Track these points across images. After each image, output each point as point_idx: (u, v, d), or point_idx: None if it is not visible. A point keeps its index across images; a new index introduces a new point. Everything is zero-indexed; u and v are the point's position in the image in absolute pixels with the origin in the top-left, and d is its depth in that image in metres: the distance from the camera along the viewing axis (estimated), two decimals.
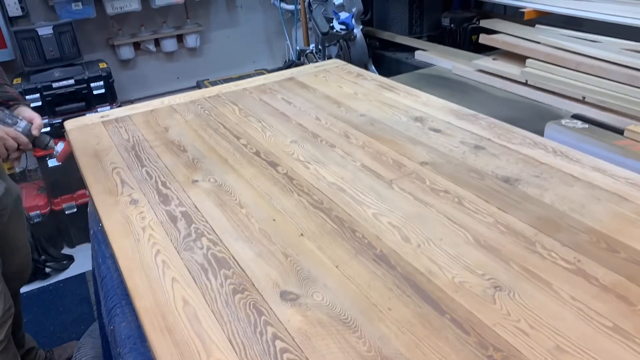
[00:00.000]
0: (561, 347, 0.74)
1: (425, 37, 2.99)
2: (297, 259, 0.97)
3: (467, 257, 0.93)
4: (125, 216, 1.15)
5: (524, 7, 2.30)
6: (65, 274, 2.83)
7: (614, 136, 1.55)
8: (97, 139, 1.56)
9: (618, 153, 1.45)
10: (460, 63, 2.41)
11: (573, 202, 1.07)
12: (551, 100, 1.95)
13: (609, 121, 1.68)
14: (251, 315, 0.84)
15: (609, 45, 1.97)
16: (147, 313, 0.87)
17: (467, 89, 2.21)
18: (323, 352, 0.76)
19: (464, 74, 2.34)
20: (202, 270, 0.95)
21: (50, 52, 2.95)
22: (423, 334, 0.78)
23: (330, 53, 2.95)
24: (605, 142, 1.51)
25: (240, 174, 1.29)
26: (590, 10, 2.09)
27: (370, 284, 0.89)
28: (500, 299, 0.83)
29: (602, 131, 1.58)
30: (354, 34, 2.75)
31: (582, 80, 1.89)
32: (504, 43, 2.28)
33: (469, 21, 2.83)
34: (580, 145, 1.51)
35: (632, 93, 1.73)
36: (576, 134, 1.56)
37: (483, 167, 1.22)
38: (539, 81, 2.00)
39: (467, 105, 1.60)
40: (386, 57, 3.01)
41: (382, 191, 1.17)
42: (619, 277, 0.86)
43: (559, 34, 2.15)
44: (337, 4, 2.75)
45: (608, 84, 1.81)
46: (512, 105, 2.01)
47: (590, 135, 1.55)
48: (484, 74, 2.25)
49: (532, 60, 2.09)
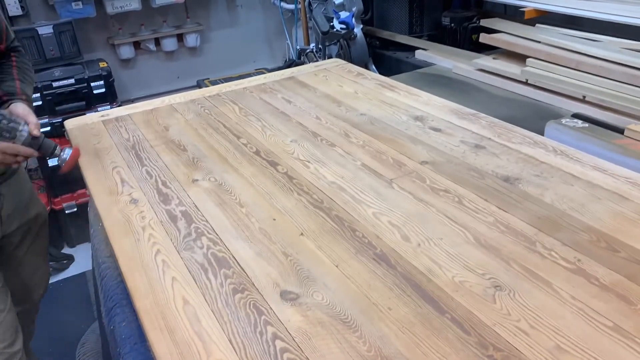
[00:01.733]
0: (561, 346, 0.74)
1: (426, 36, 2.99)
2: (297, 258, 0.97)
3: (467, 256, 0.93)
4: (125, 215, 1.15)
5: (525, 6, 2.30)
6: (65, 274, 2.84)
7: (614, 135, 1.55)
8: (97, 138, 1.56)
9: (618, 152, 1.45)
10: (460, 62, 2.41)
11: (573, 201, 1.07)
12: (551, 99, 1.95)
13: (609, 120, 1.68)
14: (251, 314, 0.84)
15: (609, 44, 1.97)
16: (146, 313, 0.87)
17: (467, 88, 2.21)
18: (323, 351, 0.76)
19: (465, 73, 2.34)
20: (202, 270, 0.95)
21: (51, 51, 2.95)
22: (423, 333, 0.78)
23: (330, 52, 2.95)
24: (606, 141, 1.51)
25: (240, 173, 1.29)
26: (591, 10, 2.09)
27: (370, 284, 0.89)
28: (501, 298, 0.83)
29: (603, 130, 1.58)
30: (354, 33, 2.75)
31: (582, 79, 1.89)
32: (504, 42, 2.28)
33: (469, 20, 2.83)
34: (581, 145, 1.51)
35: (632, 92, 1.73)
36: (576, 133, 1.56)
37: (483, 166, 1.22)
38: (540, 80, 2.00)
39: (468, 104, 1.60)
40: (386, 56, 3.01)
41: (382, 190, 1.17)
42: (619, 277, 0.86)
43: (560, 33, 2.15)
44: (338, 3, 2.75)
45: (608, 83, 1.81)
46: (513, 104, 2.01)
47: (590, 134, 1.55)
48: (485, 73, 2.25)
49: (532, 60, 2.09)
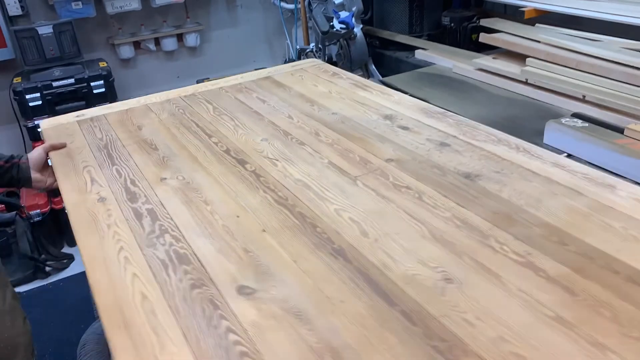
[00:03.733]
0: (503, 336, 0.76)
1: (426, 36, 3.01)
2: (257, 255, 0.98)
3: (421, 250, 0.95)
4: (92, 213, 1.16)
5: (524, 6, 2.32)
6: (65, 273, 2.85)
7: (614, 135, 1.57)
8: (71, 138, 1.57)
9: (618, 152, 1.47)
10: (460, 62, 2.43)
11: (530, 197, 1.09)
12: (551, 99, 1.97)
13: (609, 120, 1.70)
14: (207, 309, 0.86)
15: (609, 44, 1.99)
16: (106, 309, 0.88)
17: (467, 88, 2.22)
18: (273, 344, 0.78)
19: (464, 73, 2.36)
20: (162, 266, 0.97)
21: (51, 51, 2.96)
22: (372, 325, 0.80)
23: (330, 52, 2.97)
24: (606, 140, 1.53)
25: (209, 172, 1.31)
26: (591, 9, 2.11)
27: (325, 278, 0.91)
28: (450, 291, 0.86)
29: (603, 130, 1.60)
30: (354, 33, 2.77)
31: (582, 79, 1.91)
32: (504, 42, 2.30)
33: (469, 20, 2.85)
34: (581, 144, 1.53)
35: (632, 92, 1.75)
36: (576, 132, 1.58)
37: (446, 164, 1.25)
38: (539, 80, 2.02)
39: (468, 104, 1.60)
40: (386, 56, 3.03)
41: (347, 187, 1.19)
42: (566, 269, 0.88)
43: (559, 32, 2.17)
44: (337, 3, 2.76)
45: (608, 83, 1.83)
46: (513, 104, 2.03)
47: (590, 134, 1.56)
48: (484, 73, 2.27)
49: (532, 59, 2.11)
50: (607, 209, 1.03)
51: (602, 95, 1.78)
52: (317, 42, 2.99)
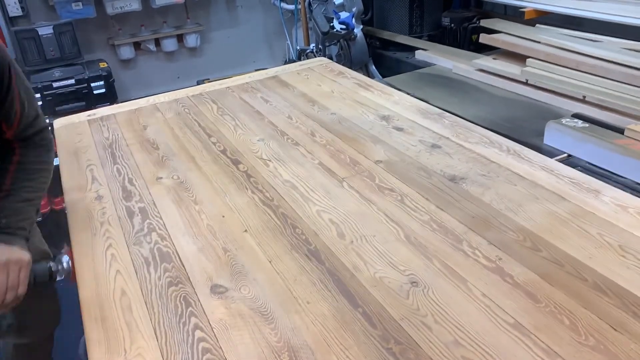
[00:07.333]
0: (458, 341, 0.77)
1: (426, 36, 3.00)
2: (235, 254, 1.02)
3: (394, 253, 0.97)
4: (88, 211, 1.21)
5: (524, 6, 2.31)
6: None
7: (615, 135, 1.55)
8: (80, 137, 1.63)
9: (618, 152, 1.45)
10: (460, 62, 2.41)
11: (512, 201, 1.09)
12: (551, 99, 1.95)
13: (609, 120, 1.67)
14: (179, 306, 0.90)
15: (609, 44, 1.96)
16: (86, 303, 0.93)
17: (467, 89, 2.21)
18: (236, 342, 0.81)
19: (465, 74, 2.34)
20: (145, 264, 1.01)
21: (51, 51, 3.02)
22: (333, 326, 0.82)
23: (330, 52, 2.98)
24: (606, 141, 1.51)
25: (204, 172, 1.34)
26: (591, 10, 2.09)
27: (296, 279, 0.93)
28: (414, 294, 0.87)
29: (603, 130, 1.58)
30: (354, 33, 2.77)
31: (582, 79, 1.88)
32: (504, 42, 2.28)
33: (469, 21, 2.83)
34: (581, 145, 1.51)
35: (632, 92, 1.72)
36: (577, 133, 1.56)
37: (433, 166, 1.25)
38: (540, 80, 2.00)
39: (468, 104, 1.60)
40: (386, 56, 3.03)
41: (332, 189, 1.21)
42: (534, 276, 0.88)
43: (559, 33, 2.15)
44: (338, 3, 2.77)
45: (608, 83, 1.80)
46: (513, 104, 2.01)
47: (590, 134, 1.55)
48: (485, 74, 2.25)
49: (532, 60, 2.09)
50: (587, 214, 1.02)
51: (602, 96, 1.75)
52: (318, 43, 3.00)
